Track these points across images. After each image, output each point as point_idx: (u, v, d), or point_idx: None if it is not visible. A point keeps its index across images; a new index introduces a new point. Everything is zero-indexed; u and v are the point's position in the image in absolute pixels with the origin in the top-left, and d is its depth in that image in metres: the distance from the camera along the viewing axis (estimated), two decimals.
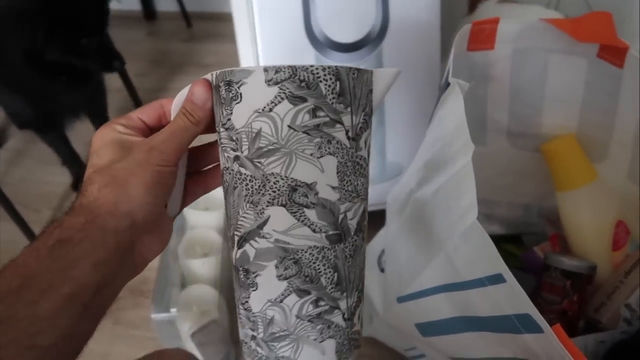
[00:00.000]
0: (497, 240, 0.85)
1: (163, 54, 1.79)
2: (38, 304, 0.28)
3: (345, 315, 0.35)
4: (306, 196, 0.32)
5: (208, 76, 0.35)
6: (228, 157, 0.34)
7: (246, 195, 0.33)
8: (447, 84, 0.53)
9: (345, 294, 0.34)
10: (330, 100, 0.32)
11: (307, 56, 0.80)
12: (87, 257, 0.31)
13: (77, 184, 1.26)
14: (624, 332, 0.59)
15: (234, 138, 0.33)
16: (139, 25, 1.95)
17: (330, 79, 0.32)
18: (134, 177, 0.33)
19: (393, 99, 0.85)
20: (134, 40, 1.85)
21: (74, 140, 1.23)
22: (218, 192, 0.40)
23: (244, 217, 0.33)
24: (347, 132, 0.33)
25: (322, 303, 0.33)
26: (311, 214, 0.32)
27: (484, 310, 0.45)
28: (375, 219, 0.75)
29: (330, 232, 0.33)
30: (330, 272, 0.33)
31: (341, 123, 0.32)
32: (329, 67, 0.31)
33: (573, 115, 0.67)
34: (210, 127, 0.37)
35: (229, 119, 0.33)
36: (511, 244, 0.84)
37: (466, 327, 0.50)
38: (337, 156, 0.32)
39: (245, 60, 0.83)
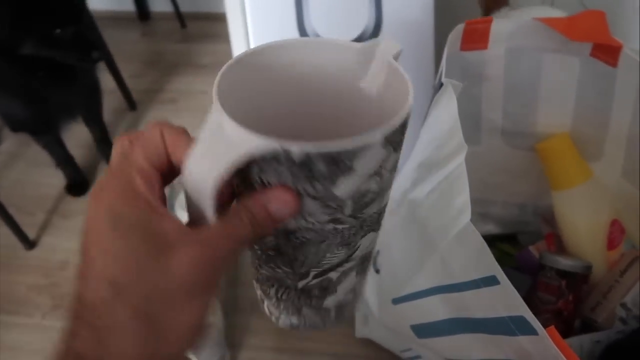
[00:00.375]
0: (493, 239, 0.85)
1: (157, 54, 1.79)
2: None
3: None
4: (385, 211, 0.32)
5: (272, 144, 0.23)
6: (315, 221, 0.28)
7: (340, 242, 0.30)
8: (441, 84, 0.53)
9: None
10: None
11: None
12: None
13: (71, 186, 1.25)
14: (619, 332, 0.59)
15: (334, 205, 0.28)
16: (133, 26, 1.95)
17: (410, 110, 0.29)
18: (182, 313, 0.23)
19: None
20: (128, 41, 1.84)
21: (68, 142, 1.22)
22: None
23: (333, 257, 0.31)
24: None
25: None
26: (383, 220, 0.33)
27: (479, 311, 0.45)
28: None
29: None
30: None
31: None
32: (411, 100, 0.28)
33: (567, 114, 0.67)
34: None
35: (327, 190, 0.27)
36: (506, 243, 0.84)
37: (461, 328, 0.50)
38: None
39: None
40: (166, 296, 0.23)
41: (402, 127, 0.27)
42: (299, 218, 0.27)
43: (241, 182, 0.27)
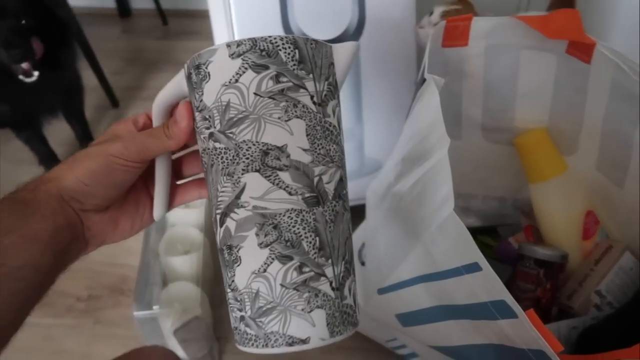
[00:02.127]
0: (474, 232, 0.85)
1: (138, 51, 1.78)
2: (1, 239, 0.32)
3: (333, 284, 0.34)
4: (278, 159, 0.32)
5: (182, 70, 0.37)
6: (204, 137, 0.35)
7: (222, 168, 0.33)
8: (423, 80, 0.54)
9: (330, 261, 0.34)
10: (291, 67, 0.33)
11: None
12: (38, 211, 0.34)
13: None
14: (594, 318, 0.62)
15: (207, 116, 0.34)
16: (113, 22, 1.93)
17: (289, 47, 0.33)
18: (86, 160, 0.36)
19: (370, 96, 0.87)
20: (109, 37, 1.83)
21: (51, 140, 1.21)
22: None
23: (222, 191, 0.34)
24: (312, 97, 0.34)
25: (306, 269, 0.33)
26: (285, 176, 0.33)
27: (461, 298, 0.46)
28: (356, 214, 0.76)
29: (307, 195, 0.33)
30: (311, 235, 0.33)
31: (305, 88, 0.33)
32: (286, 37, 0.33)
33: (544, 110, 0.69)
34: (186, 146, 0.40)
35: (202, 101, 0.34)
36: (487, 236, 0.86)
37: (444, 315, 0.51)
38: (304, 119, 0.33)
39: None
40: (88, 153, 0.37)
41: (256, 47, 0.32)
42: (199, 136, 0.35)
43: None
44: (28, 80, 1.00)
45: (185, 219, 0.93)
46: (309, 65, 0.34)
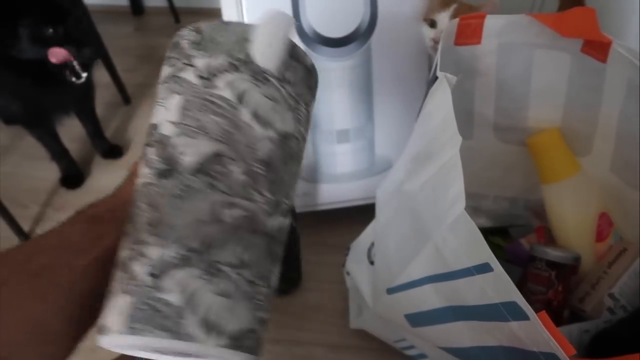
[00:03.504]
0: (484, 233, 0.85)
1: (151, 49, 1.78)
2: (74, 260, 0.31)
3: (153, 270, 0.28)
4: (151, 135, 0.32)
5: None
6: None
7: None
8: (435, 78, 0.54)
9: (159, 240, 0.29)
10: (186, 50, 0.33)
11: None
12: (114, 231, 0.32)
13: (66, 179, 1.25)
14: (607, 321, 0.61)
15: None
16: (126, 20, 1.94)
17: (191, 34, 0.33)
18: None
19: (382, 94, 0.86)
20: (122, 35, 1.84)
21: (63, 137, 1.22)
22: None
23: None
24: (198, 71, 0.32)
25: (132, 246, 0.29)
26: (151, 151, 0.31)
27: (472, 299, 0.46)
28: (366, 213, 0.75)
29: (159, 166, 0.30)
30: (147, 209, 0.30)
31: (191, 65, 0.32)
32: (194, 26, 0.34)
33: (557, 110, 0.68)
34: None
35: None
36: (498, 237, 0.86)
37: (454, 316, 0.51)
38: (183, 95, 0.31)
39: None
40: None
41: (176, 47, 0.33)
42: None
43: None
44: (78, 82, 0.99)
45: None
46: (205, 45, 0.32)
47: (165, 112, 0.31)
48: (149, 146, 0.31)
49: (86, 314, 0.31)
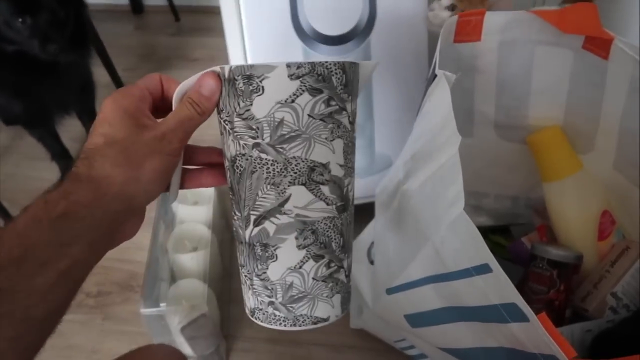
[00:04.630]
0: (485, 231, 0.86)
1: (151, 48, 1.78)
2: (35, 278, 0.29)
3: (346, 273, 0.41)
4: (322, 175, 0.36)
5: (217, 69, 0.37)
6: (245, 144, 0.36)
7: (267, 177, 0.36)
8: (434, 76, 0.53)
9: (346, 255, 0.40)
10: (339, 90, 0.36)
11: (294, 49, 0.80)
12: (86, 234, 0.31)
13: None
14: (610, 321, 0.60)
15: (254, 127, 0.36)
16: (126, 19, 1.94)
17: (339, 72, 0.36)
18: (148, 162, 0.34)
19: (381, 92, 0.85)
20: (122, 34, 1.84)
21: (63, 136, 1.22)
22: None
23: (264, 197, 0.37)
24: (348, 117, 0.38)
25: (332, 264, 0.39)
26: (325, 189, 0.37)
27: (471, 300, 0.45)
28: (365, 212, 0.75)
29: (339, 204, 0.38)
30: (338, 237, 0.39)
31: (346, 110, 0.37)
32: (338, 62, 0.36)
33: (559, 107, 0.67)
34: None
35: (248, 110, 0.36)
36: (499, 235, 0.85)
37: (454, 317, 0.50)
38: (343, 138, 0.37)
39: (234, 53, 0.82)
40: (140, 150, 0.34)
41: (314, 71, 0.35)
42: (235, 141, 0.37)
43: None
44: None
45: (194, 216, 0.92)
46: (349, 88, 0.37)
47: (333, 155, 0.37)
48: (321, 184, 0.37)
49: (39, 340, 0.30)
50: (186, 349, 0.80)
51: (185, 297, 0.79)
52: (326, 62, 0.35)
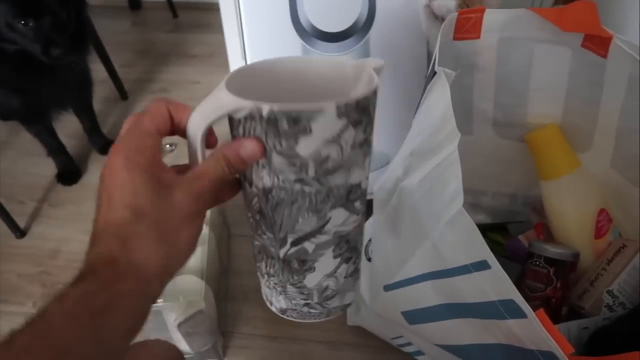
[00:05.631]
0: (483, 229, 0.85)
1: (148, 44, 1.77)
2: None
3: (360, 264, 0.43)
4: (356, 193, 0.37)
5: (245, 102, 0.32)
6: (285, 179, 0.34)
7: (308, 207, 0.36)
8: (434, 73, 0.53)
9: (361, 248, 0.43)
10: (373, 116, 0.36)
11: (293, 45, 0.80)
12: (124, 327, 0.28)
13: (62, 175, 1.25)
14: (606, 319, 0.61)
15: (298, 164, 0.34)
16: (123, 15, 1.93)
17: (374, 98, 0.35)
18: (184, 231, 0.31)
19: (380, 89, 0.85)
20: (119, 30, 1.83)
21: (59, 132, 1.21)
22: None
23: (304, 223, 0.37)
24: (372, 134, 0.38)
25: (357, 261, 0.42)
26: (358, 204, 0.38)
27: (469, 296, 0.45)
28: None
29: (364, 210, 0.40)
30: (361, 237, 0.41)
31: (372, 128, 0.37)
32: (375, 89, 0.35)
33: (558, 105, 0.67)
34: None
35: (292, 149, 0.33)
36: (497, 233, 0.85)
37: (452, 314, 0.50)
38: (369, 155, 0.38)
39: (233, 50, 0.82)
40: (173, 219, 0.30)
41: (358, 105, 0.33)
42: (272, 175, 0.34)
43: (232, 137, 0.35)
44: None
45: None
46: (374, 108, 0.36)
47: (364, 173, 0.37)
48: (355, 201, 0.38)
49: None
50: (183, 345, 0.80)
51: (183, 293, 0.78)
52: (366, 94, 0.33)
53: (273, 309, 0.43)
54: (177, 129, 0.34)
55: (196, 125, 0.33)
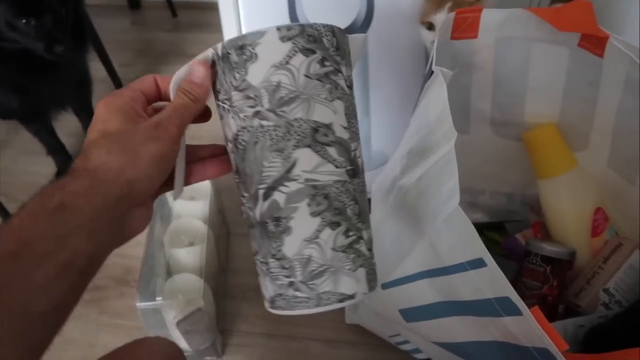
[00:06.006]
0: (481, 228, 0.86)
1: (148, 43, 1.77)
2: (33, 272, 0.28)
3: (367, 246, 0.39)
4: (326, 135, 0.36)
5: (208, 51, 0.37)
6: (245, 116, 0.36)
7: (270, 145, 0.35)
8: (431, 72, 0.53)
9: (365, 225, 0.39)
10: (331, 52, 0.36)
11: None
12: (86, 225, 0.31)
13: (61, 174, 1.25)
14: (602, 317, 0.61)
15: (252, 95, 0.35)
16: (123, 14, 1.93)
17: (329, 34, 0.36)
18: (143, 147, 0.34)
19: (378, 89, 0.86)
20: (119, 29, 1.83)
21: (58, 131, 1.22)
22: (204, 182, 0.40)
23: (270, 166, 0.36)
24: (345, 80, 0.37)
25: (350, 233, 0.37)
26: (332, 151, 0.36)
27: (466, 294, 0.46)
28: None
29: (348, 167, 0.37)
30: (353, 204, 0.37)
31: (341, 72, 0.37)
32: (326, 25, 0.36)
33: (555, 104, 0.67)
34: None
35: (244, 80, 0.35)
36: (494, 232, 0.86)
37: (448, 311, 0.50)
38: (343, 100, 0.37)
39: None
40: (137, 137, 0.34)
41: (304, 32, 0.35)
42: (235, 117, 0.36)
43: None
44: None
45: (190, 210, 0.92)
46: (341, 52, 0.37)
47: (334, 116, 0.36)
48: (327, 146, 0.36)
49: (44, 337, 0.29)
50: (182, 343, 0.80)
51: (181, 291, 0.79)
52: (315, 24, 0.36)
53: (266, 305, 0.40)
54: (164, 97, 0.39)
55: (173, 83, 0.38)
